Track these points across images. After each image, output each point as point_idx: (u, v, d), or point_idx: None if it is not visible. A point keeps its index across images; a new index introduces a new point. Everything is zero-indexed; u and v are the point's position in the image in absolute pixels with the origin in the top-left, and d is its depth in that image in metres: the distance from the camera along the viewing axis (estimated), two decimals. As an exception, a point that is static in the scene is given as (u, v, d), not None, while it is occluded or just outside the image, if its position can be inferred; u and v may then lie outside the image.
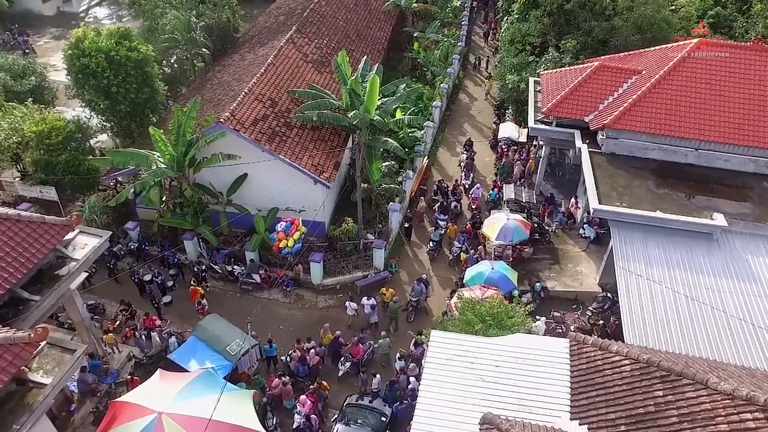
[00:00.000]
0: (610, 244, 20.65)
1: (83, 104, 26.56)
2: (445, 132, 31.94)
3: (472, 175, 27.35)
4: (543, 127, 24.13)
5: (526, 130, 29.24)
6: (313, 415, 16.60)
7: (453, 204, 25.45)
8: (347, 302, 20.83)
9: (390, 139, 23.35)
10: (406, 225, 24.33)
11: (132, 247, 22.93)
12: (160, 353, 18.94)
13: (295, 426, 16.70)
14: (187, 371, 17.02)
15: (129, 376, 18.05)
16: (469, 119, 33.26)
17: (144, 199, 23.00)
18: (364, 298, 20.40)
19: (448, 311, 19.59)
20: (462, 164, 28.44)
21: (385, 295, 20.74)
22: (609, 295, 20.55)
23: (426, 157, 28.11)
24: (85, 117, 27.72)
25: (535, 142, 28.21)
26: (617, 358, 12.37)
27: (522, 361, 13.29)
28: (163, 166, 21.18)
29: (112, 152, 21.88)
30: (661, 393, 11.08)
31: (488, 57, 38.20)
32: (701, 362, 13.22)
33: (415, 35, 36.50)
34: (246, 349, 17.63)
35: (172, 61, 34.31)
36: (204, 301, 20.61)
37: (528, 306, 17.52)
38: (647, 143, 21.99)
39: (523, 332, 16.24)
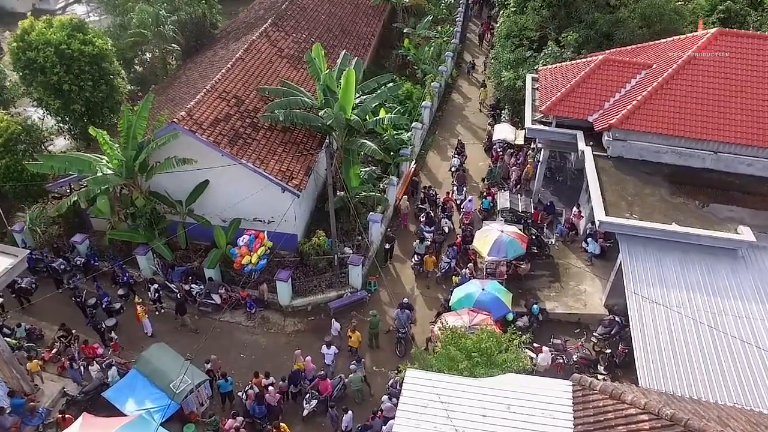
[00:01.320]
0: (618, 259, 18.07)
1: (34, 103, 24.06)
2: (435, 134, 29.38)
3: (465, 189, 24.30)
4: (541, 127, 21.55)
5: (524, 131, 26.76)
6: (268, 468, 14.02)
7: (442, 220, 22.53)
8: (333, 321, 18.36)
9: (368, 142, 20.76)
10: (387, 246, 21.48)
11: (78, 262, 20.35)
12: (98, 388, 16.31)
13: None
14: (122, 414, 14.49)
15: (59, 415, 15.44)
16: (462, 120, 30.71)
17: (93, 210, 20.47)
18: (324, 347, 17.34)
19: (432, 339, 17.02)
20: (453, 170, 25.88)
21: (350, 338, 17.76)
22: (617, 318, 17.94)
23: (414, 162, 25.57)
24: (39, 118, 25.35)
25: (533, 145, 25.66)
26: (633, 411, 9.82)
27: (514, 409, 10.72)
28: (109, 171, 18.64)
29: (46, 157, 19.29)
30: (691, 464, 8.58)
31: (484, 60, 35.41)
32: (737, 416, 10.64)
33: (405, 31, 34.05)
34: (191, 387, 14.99)
35: (146, 57, 32.03)
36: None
37: (524, 337, 14.94)
38: (659, 145, 19.40)
39: (517, 370, 13.73)
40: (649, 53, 22.13)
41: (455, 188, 24.38)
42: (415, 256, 21.09)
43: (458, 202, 23.73)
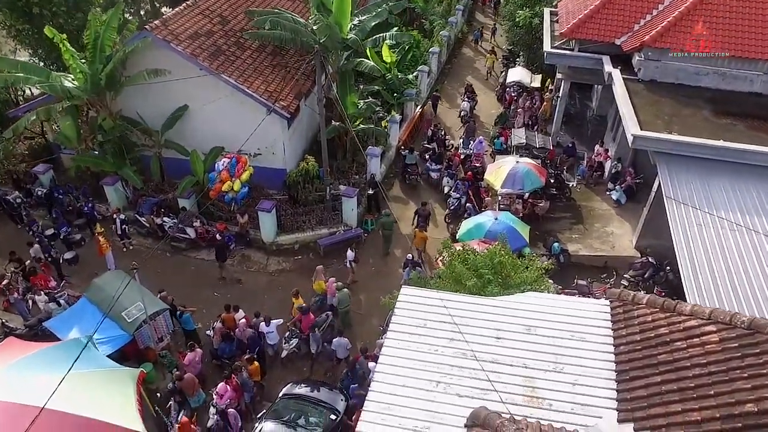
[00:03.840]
0: (650, 198, 15.61)
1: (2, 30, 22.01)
2: (445, 84, 27.09)
3: (472, 142, 21.17)
4: (562, 52, 19.13)
5: (539, 75, 24.39)
6: (231, 410, 11.58)
7: (443, 179, 19.37)
8: (348, 251, 16.00)
9: (366, 60, 18.38)
10: (370, 191, 18.32)
11: (40, 193, 18.14)
12: (43, 321, 14.01)
13: (209, 425, 11.76)
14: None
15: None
16: (473, 72, 28.38)
17: (58, 136, 18.27)
18: (262, 323, 13.63)
19: (436, 269, 14.59)
20: (462, 114, 23.47)
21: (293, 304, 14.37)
22: (651, 260, 15.45)
23: (420, 107, 23.22)
24: (9, 50, 23.32)
25: (550, 86, 23.21)
26: (694, 322, 7.30)
27: (536, 329, 8.25)
28: (70, 85, 16.43)
29: (-7, 58, 17.11)
30: (782, 379, 6.05)
31: (492, 27, 32.54)
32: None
33: (413, -18, 31.73)
34: (145, 317, 12.61)
35: (137, 9, 30.10)
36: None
37: (546, 263, 12.47)
38: (699, 66, 16.95)
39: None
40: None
41: (462, 141, 21.68)
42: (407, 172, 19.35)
43: (462, 156, 20.81)
